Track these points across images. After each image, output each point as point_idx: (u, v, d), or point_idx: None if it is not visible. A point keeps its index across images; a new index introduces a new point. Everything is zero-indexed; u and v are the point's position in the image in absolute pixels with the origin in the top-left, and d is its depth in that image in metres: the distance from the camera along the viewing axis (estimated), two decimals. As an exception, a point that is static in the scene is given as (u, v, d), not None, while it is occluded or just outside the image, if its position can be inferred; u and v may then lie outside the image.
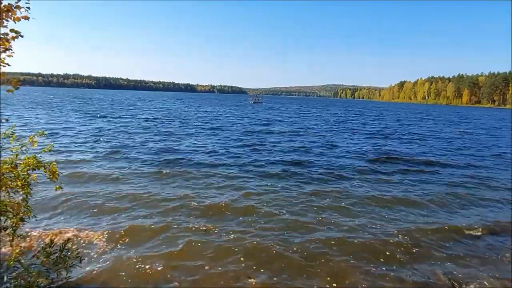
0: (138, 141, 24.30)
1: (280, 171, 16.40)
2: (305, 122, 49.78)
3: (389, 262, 8.09)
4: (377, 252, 8.52)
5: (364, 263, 7.97)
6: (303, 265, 7.70)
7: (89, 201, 11.14)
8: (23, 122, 33.80)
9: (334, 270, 7.58)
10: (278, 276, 7.20)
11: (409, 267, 7.88)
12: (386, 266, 7.91)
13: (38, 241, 7.78)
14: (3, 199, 5.48)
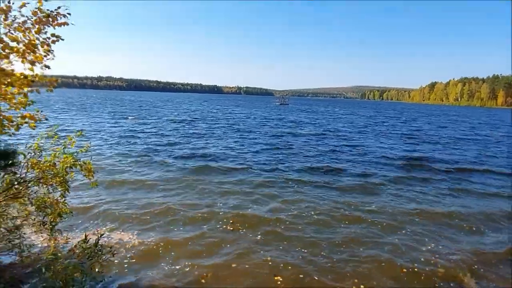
0: (167, 143, 24.82)
1: (308, 178, 15.66)
2: (332, 124, 49.09)
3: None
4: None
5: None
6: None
7: (119, 201, 11.52)
8: (58, 123, 35.47)
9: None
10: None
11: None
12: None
13: (74, 237, 8.14)
14: (43, 195, 5.77)
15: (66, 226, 8.72)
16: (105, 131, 30.78)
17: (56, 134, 6.02)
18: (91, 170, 6.20)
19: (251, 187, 13.75)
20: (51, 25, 4.95)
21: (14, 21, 4.67)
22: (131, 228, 9.61)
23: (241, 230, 9.71)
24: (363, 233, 9.82)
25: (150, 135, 28.97)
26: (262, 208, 11.47)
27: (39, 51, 4.91)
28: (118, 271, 7.22)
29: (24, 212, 5.81)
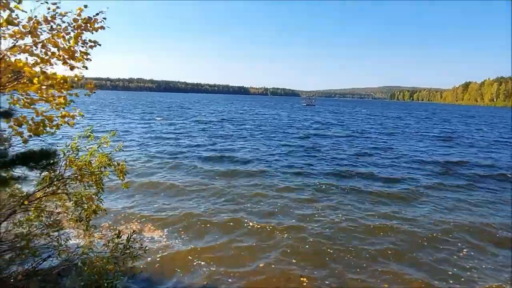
0: (195, 144, 25.24)
1: (336, 183, 15.09)
2: (361, 125, 48.13)
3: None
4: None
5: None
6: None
7: (149, 199, 11.92)
8: (92, 123, 36.92)
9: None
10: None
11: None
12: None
13: (108, 232, 8.49)
14: (79, 191, 6.06)
15: (100, 223, 9.10)
16: (134, 132, 31.71)
17: (91, 133, 6.31)
18: (123, 171, 6.45)
19: (278, 192, 13.50)
20: (89, 30, 5.19)
21: (55, 28, 4.95)
22: (159, 229, 9.90)
23: (269, 238, 9.39)
24: (396, 246, 9.16)
25: (179, 136, 29.59)
26: (289, 215, 11.11)
27: (77, 55, 5.17)
28: (148, 268, 7.44)
29: (62, 208, 6.12)
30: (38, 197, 5.81)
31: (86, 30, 5.25)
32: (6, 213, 5.25)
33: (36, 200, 5.77)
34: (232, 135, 31.12)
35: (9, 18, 4.50)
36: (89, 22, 5.21)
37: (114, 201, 11.54)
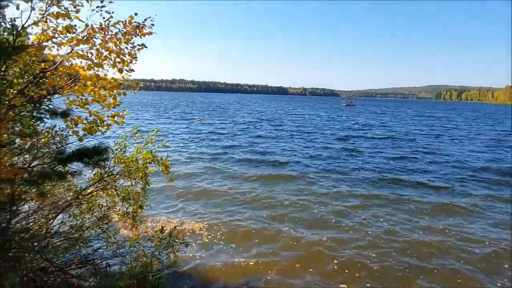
0: (236, 145, 25.36)
1: (380, 192, 14.06)
2: (404, 126, 46.11)
3: None
4: None
5: None
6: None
7: (191, 197, 12.26)
8: (137, 123, 38.60)
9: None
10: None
11: None
12: None
13: (152, 227, 8.89)
14: (127, 187, 6.42)
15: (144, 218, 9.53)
16: (174, 132, 32.47)
17: (138, 132, 6.66)
18: (167, 166, 6.76)
19: (318, 198, 12.86)
20: (138, 35, 5.48)
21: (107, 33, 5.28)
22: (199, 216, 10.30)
23: (310, 255, 8.72)
24: (450, 274, 7.95)
25: (218, 137, 30.00)
26: (332, 227, 10.38)
27: (126, 57, 5.48)
28: (189, 264, 7.68)
29: (111, 203, 6.50)
30: (90, 192, 6.23)
31: (135, 35, 5.54)
32: (63, 205, 5.68)
33: (88, 194, 6.19)
34: (270, 136, 31.05)
35: (68, 26, 4.88)
36: (138, 28, 5.50)
37: (158, 197, 12.00)
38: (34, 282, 5.17)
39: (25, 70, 5.39)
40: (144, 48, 5.79)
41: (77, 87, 5.16)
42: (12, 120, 4.91)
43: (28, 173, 4.46)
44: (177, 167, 17.15)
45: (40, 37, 4.87)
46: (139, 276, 5.52)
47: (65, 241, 5.50)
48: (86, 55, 5.06)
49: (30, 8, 4.65)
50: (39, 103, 5.44)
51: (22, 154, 5.59)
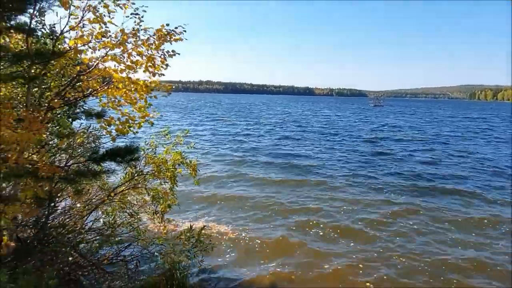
0: (260, 147, 25.19)
1: (412, 198, 13.19)
2: (436, 128, 44.28)
3: None
4: None
5: None
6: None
7: (216, 201, 12.23)
8: (166, 124, 39.47)
9: None
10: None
11: None
12: None
13: (179, 226, 9.08)
14: (156, 187, 6.60)
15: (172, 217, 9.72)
16: (200, 133, 32.57)
17: (168, 133, 6.84)
18: (195, 168, 6.90)
19: (347, 206, 12.11)
20: (169, 41, 5.63)
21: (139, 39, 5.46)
22: (224, 218, 10.46)
23: (337, 270, 8.06)
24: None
25: (244, 138, 29.90)
26: (356, 241, 9.47)
27: (157, 62, 5.64)
28: (215, 264, 7.76)
29: (141, 201, 6.71)
30: (121, 190, 6.46)
31: (166, 41, 5.70)
32: (96, 203, 5.92)
33: (120, 193, 6.41)
34: (296, 138, 30.57)
35: (103, 32, 5.09)
36: (169, 34, 5.65)
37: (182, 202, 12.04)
38: (69, 276, 5.42)
39: (62, 74, 5.67)
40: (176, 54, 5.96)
41: (110, 89, 5.38)
42: (51, 121, 5.18)
43: (65, 172, 4.68)
44: (203, 169, 16.71)
45: (76, 42, 5.12)
46: (167, 273, 5.66)
47: (98, 237, 5.73)
48: (119, 59, 5.26)
49: (68, 15, 4.90)
50: (75, 105, 5.71)
51: (59, 153, 5.89)
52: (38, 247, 4.67)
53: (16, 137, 4.07)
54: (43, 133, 4.54)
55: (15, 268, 4.26)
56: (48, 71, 5.24)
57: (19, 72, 4.60)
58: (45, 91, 5.48)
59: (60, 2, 4.65)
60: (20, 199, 4.27)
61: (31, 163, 4.38)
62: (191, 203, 12.01)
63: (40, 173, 4.18)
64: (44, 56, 4.34)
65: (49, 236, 4.89)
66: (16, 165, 4.13)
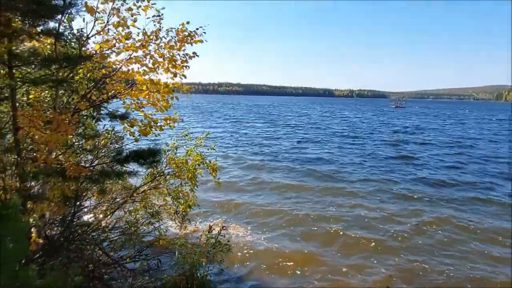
0: (280, 150, 24.67)
1: (441, 208, 12.24)
2: (461, 130, 42.88)
3: None
4: None
5: None
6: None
7: (234, 206, 12.04)
8: (185, 126, 39.69)
9: None
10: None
11: None
12: None
13: (200, 227, 9.17)
14: (177, 187, 6.70)
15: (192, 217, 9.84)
16: (219, 135, 32.35)
17: (188, 135, 6.94)
18: (215, 169, 6.96)
19: (370, 217, 11.32)
20: (190, 43, 5.72)
21: (161, 41, 5.58)
22: (242, 219, 10.42)
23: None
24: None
25: (263, 141, 29.43)
26: (388, 259, 8.53)
27: (178, 63, 5.74)
28: (236, 264, 7.78)
29: (162, 201, 6.83)
30: (143, 190, 6.59)
31: (187, 42, 5.79)
32: (119, 202, 6.07)
33: (142, 192, 6.55)
34: (316, 141, 29.88)
35: (127, 34, 5.23)
36: (190, 35, 5.74)
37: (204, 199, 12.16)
38: (93, 273, 5.58)
39: (88, 77, 5.86)
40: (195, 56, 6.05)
41: (133, 91, 5.51)
42: (77, 122, 5.35)
43: (90, 172, 4.83)
44: (220, 174, 14.92)
45: (102, 45, 5.28)
46: (188, 273, 5.74)
47: (121, 236, 5.88)
48: (142, 61, 5.39)
49: (93, 20, 5.06)
50: (100, 107, 5.88)
51: (84, 154, 6.08)
52: (65, 245, 4.83)
53: (45, 138, 4.23)
54: (70, 134, 4.69)
55: (42, 264, 4.42)
56: (75, 74, 5.42)
57: (48, 76, 4.79)
58: (72, 94, 5.67)
59: (86, 8, 4.82)
60: (48, 197, 4.43)
61: (58, 163, 4.55)
62: (209, 210, 11.56)
63: (67, 173, 4.34)
64: (71, 60, 4.50)
65: (75, 234, 5.05)
66: (44, 165, 4.29)
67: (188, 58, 5.88)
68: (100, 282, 5.56)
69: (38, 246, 4.59)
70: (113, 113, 5.15)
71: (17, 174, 4.28)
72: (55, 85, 4.81)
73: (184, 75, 5.92)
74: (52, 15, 4.21)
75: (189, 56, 5.87)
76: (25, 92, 5.41)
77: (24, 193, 4.11)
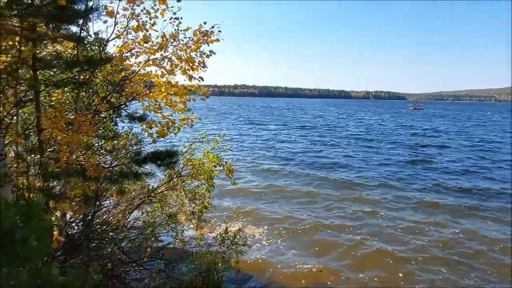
0: (295, 152, 24.44)
1: (463, 217, 11.72)
2: (483, 133, 41.46)
3: None
4: None
5: None
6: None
7: (248, 213, 11.74)
8: (200, 126, 39.81)
9: None
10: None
11: None
12: None
13: (216, 228, 9.21)
14: (193, 188, 6.77)
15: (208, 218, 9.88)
16: (235, 137, 32.26)
17: (206, 137, 7.01)
18: (231, 170, 7.00)
19: (391, 229, 10.74)
20: (207, 43, 5.78)
21: (179, 43, 5.66)
22: (258, 222, 10.37)
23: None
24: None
25: (279, 144, 29.04)
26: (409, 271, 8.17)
27: (196, 65, 5.80)
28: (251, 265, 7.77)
29: (179, 202, 6.91)
30: (161, 191, 6.68)
31: (204, 42, 5.85)
32: (137, 202, 6.17)
33: (159, 193, 6.64)
34: (332, 144, 29.31)
35: (146, 37, 5.33)
36: (206, 35, 5.80)
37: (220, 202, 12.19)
38: (112, 271, 5.68)
39: (108, 79, 5.99)
40: (212, 54, 6.10)
41: (151, 93, 5.61)
42: (97, 124, 5.48)
43: (110, 172, 4.93)
44: (236, 179, 14.09)
45: (122, 49, 5.40)
46: (204, 273, 5.78)
47: (139, 235, 5.97)
48: (160, 64, 5.48)
49: (114, 23, 5.18)
50: (120, 109, 6.00)
51: (104, 154, 6.21)
52: (85, 243, 4.95)
53: (67, 139, 4.35)
54: (91, 136, 4.80)
55: (64, 262, 4.53)
56: (96, 77, 5.56)
57: (69, 78, 4.93)
58: (92, 96, 5.81)
59: (107, 12, 4.94)
60: (69, 197, 4.55)
61: (79, 164, 4.67)
62: (224, 214, 11.41)
63: (87, 173, 4.44)
64: (92, 63, 4.61)
65: (95, 233, 5.16)
66: (66, 165, 4.41)
67: (205, 57, 5.94)
68: (118, 281, 5.66)
69: (59, 244, 4.71)
70: (132, 115, 5.25)
71: (41, 174, 4.40)
72: (77, 87, 4.95)
73: (201, 77, 5.99)
74: (74, 20, 4.33)
75: (206, 55, 5.93)
76: (48, 95, 5.58)
77: (47, 193, 4.23)
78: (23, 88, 4.92)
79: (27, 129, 4.76)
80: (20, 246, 2.38)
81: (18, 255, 2.38)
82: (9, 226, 2.36)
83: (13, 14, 3.90)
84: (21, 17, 3.97)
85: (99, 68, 5.39)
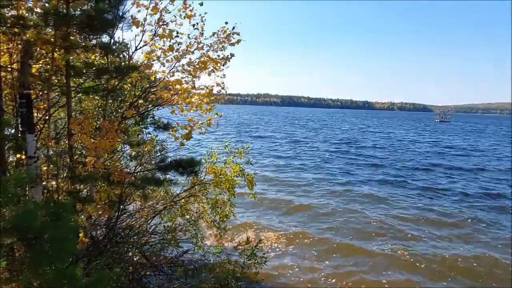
0: (323, 173, 21.19)
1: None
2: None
3: None
4: None
5: None
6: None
7: (273, 220, 11.71)
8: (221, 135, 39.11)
9: None
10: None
11: None
12: None
13: (236, 238, 9.16)
14: (215, 196, 6.80)
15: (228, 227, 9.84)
16: (257, 149, 29.88)
17: (228, 145, 7.08)
18: (252, 181, 7.00)
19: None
20: (232, 44, 5.88)
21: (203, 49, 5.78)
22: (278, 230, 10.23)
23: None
24: None
25: (298, 156, 27.50)
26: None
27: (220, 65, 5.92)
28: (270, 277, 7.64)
29: (201, 209, 6.95)
30: (183, 198, 6.76)
31: (229, 41, 5.94)
32: (159, 208, 6.26)
33: (181, 200, 6.72)
34: (360, 164, 25.01)
35: (171, 46, 5.47)
36: (227, 38, 5.90)
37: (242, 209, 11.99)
38: (133, 275, 5.76)
39: (135, 86, 6.17)
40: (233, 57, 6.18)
41: (176, 97, 5.73)
42: (124, 130, 5.64)
43: (134, 178, 5.04)
44: (257, 189, 11.31)
45: (148, 56, 5.57)
46: (223, 282, 5.76)
47: (160, 240, 6.04)
48: (186, 69, 5.62)
49: (142, 32, 5.36)
50: (146, 115, 6.16)
51: (129, 160, 6.37)
52: (108, 246, 5.05)
53: (95, 144, 4.49)
54: (117, 142, 4.94)
55: (88, 263, 4.64)
56: (124, 84, 5.73)
57: (99, 85, 5.12)
58: (120, 103, 5.99)
59: (132, 22, 5.13)
60: (95, 200, 4.68)
61: (105, 169, 4.80)
62: (244, 225, 11.02)
63: (112, 178, 4.56)
64: (121, 70, 4.76)
65: (118, 236, 5.27)
66: (93, 169, 4.55)
67: (226, 60, 6.02)
68: (139, 285, 5.72)
69: (84, 246, 4.83)
70: (157, 123, 5.38)
71: (69, 177, 4.55)
72: (106, 94, 5.12)
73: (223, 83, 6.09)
74: (105, 29, 4.50)
75: (227, 57, 6.01)
76: (78, 101, 5.80)
77: (74, 195, 4.36)
78: (55, 94, 5.15)
79: (58, 133, 4.96)
80: (48, 245, 2.45)
81: (46, 254, 2.44)
82: (39, 225, 2.44)
83: (48, 24, 4.10)
84: (55, 27, 4.17)
85: (128, 76, 5.56)
